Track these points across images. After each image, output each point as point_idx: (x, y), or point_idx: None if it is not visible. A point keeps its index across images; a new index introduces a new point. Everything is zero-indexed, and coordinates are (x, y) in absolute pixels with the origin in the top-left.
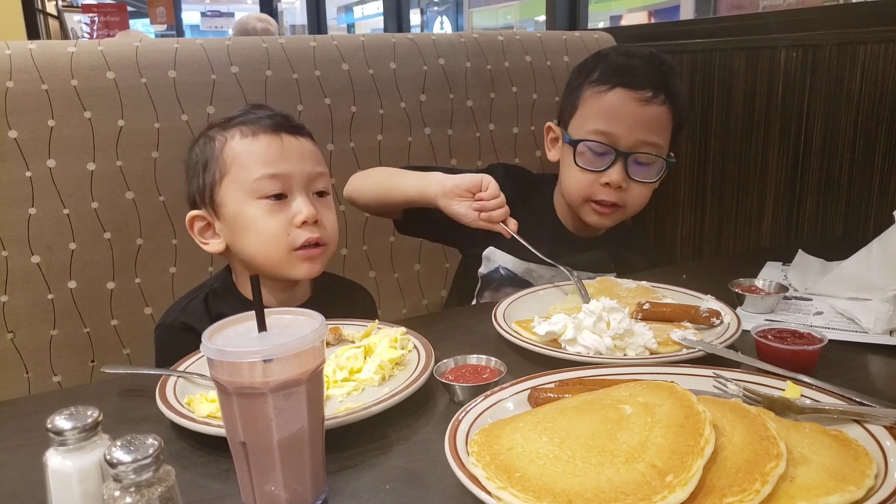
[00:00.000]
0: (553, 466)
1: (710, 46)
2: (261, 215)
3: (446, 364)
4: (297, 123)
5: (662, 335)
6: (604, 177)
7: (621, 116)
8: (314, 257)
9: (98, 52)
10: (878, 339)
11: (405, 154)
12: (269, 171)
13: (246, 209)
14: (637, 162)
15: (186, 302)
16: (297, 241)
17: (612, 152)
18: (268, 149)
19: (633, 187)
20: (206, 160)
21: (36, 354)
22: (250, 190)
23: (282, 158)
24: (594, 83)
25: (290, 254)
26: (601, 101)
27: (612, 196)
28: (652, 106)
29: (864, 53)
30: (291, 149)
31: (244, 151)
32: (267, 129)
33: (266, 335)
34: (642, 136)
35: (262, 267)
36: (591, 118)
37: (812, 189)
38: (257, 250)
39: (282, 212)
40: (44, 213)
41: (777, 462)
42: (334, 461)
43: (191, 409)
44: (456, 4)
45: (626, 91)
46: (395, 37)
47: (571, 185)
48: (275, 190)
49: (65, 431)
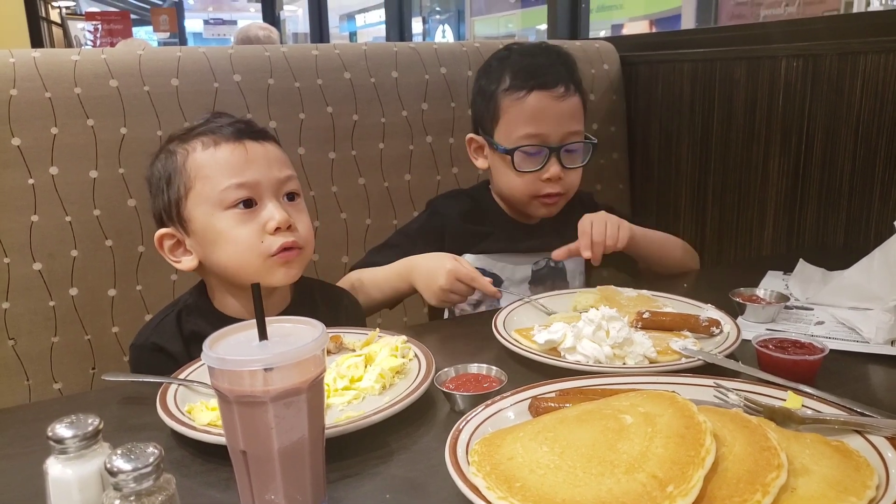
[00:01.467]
0: (553, 476)
1: (711, 56)
2: (232, 226)
3: (447, 373)
4: (259, 129)
5: (662, 344)
6: (543, 174)
7: (545, 116)
8: (291, 261)
9: (101, 60)
10: (880, 349)
11: (406, 162)
12: (236, 180)
13: (216, 221)
14: (567, 151)
15: (159, 320)
16: (272, 248)
17: (544, 150)
18: (231, 157)
19: (569, 174)
20: (169, 175)
21: (37, 362)
22: (218, 201)
23: (247, 166)
24: (510, 91)
25: (266, 261)
26: (522, 106)
27: (555, 188)
28: (567, 99)
29: (864, 63)
30: (256, 155)
31: (207, 162)
32: (229, 138)
33: (267, 344)
34: (567, 129)
35: (239, 277)
36: (518, 124)
37: (813, 198)
38: (232, 261)
39: (253, 220)
40: (46, 221)
41: (778, 473)
42: (334, 470)
43: (191, 417)
44: (458, 13)
45: (543, 92)
46: (397, 45)
47: (516, 188)
48: (243, 198)
49: (65, 439)
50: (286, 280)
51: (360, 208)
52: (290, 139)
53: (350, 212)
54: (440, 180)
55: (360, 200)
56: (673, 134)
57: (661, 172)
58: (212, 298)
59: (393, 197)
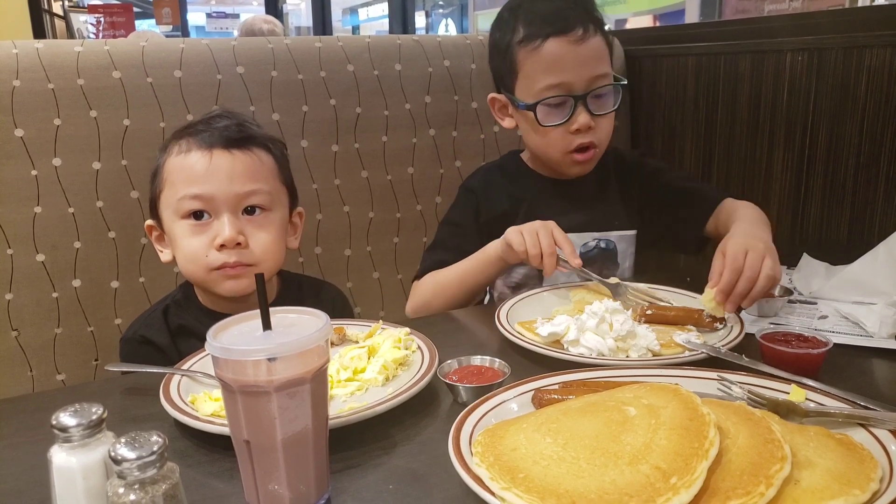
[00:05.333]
0: (557, 467)
1: (716, 50)
2: (183, 234)
3: (450, 365)
4: (245, 135)
5: (665, 337)
6: (572, 124)
7: (565, 63)
8: (239, 275)
9: (104, 51)
10: (883, 342)
11: (409, 155)
12: (192, 190)
13: (174, 227)
14: (595, 97)
15: (147, 315)
16: (215, 264)
17: (569, 100)
18: (195, 166)
19: (600, 122)
20: (155, 171)
21: (40, 352)
22: (175, 209)
23: (206, 177)
24: (524, 42)
25: (209, 273)
26: (539, 56)
27: (586, 138)
28: (588, 41)
29: (870, 58)
30: (219, 167)
31: (175, 169)
32: (201, 145)
33: (271, 334)
34: (591, 72)
35: (192, 282)
36: (537, 77)
37: (817, 193)
38: (183, 267)
39: (204, 232)
40: (49, 212)
41: (781, 465)
42: (338, 461)
43: (194, 407)
44: (461, 7)
45: (559, 38)
46: (400, 38)
47: (545, 146)
48: (195, 209)
49: (69, 428)
50: (234, 292)
51: (362, 201)
52: (293, 132)
53: (353, 205)
54: (443, 173)
55: (363, 193)
56: (677, 128)
57: None
58: (199, 294)
59: (396, 190)
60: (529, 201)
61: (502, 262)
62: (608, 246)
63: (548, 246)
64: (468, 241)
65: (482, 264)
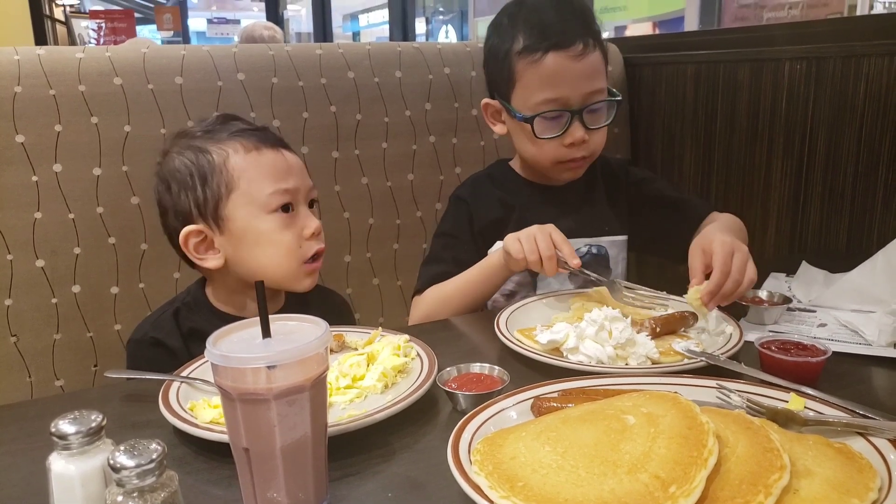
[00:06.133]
0: (556, 476)
1: (715, 58)
2: (275, 229)
3: (449, 372)
4: (280, 137)
5: (664, 345)
6: (566, 138)
7: (564, 78)
8: (315, 271)
9: (106, 58)
10: (882, 351)
11: (409, 162)
12: (281, 185)
13: (259, 223)
14: (590, 112)
15: (157, 317)
16: (308, 253)
17: (566, 114)
18: (276, 163)
19: (593, 135)
20: (205, 174)
21: (39, 358)
22: (263, 204)
23: (288, 172)
24: (524, 53)
25: (301, 266)
26: (539, 70)
27: (579, 152)
28: (587, 57)
29: (868, 66)
30: (292, 163)
31: (251, 166)
32: (267, 144)
33: (270, 341)
34: (588, 88)
35: (274, 279)
36: (534, 89)
37: (816, 201)
38: (271, 263)
39: (293, 225)
40: (49, 218)
41: (781, 474)
42: (337, 468)
43: (193, 414)
44: (461, 14)
45: (560, 52)
46: (400, 45)
47: (538, 155)
48: (287, 202)
49: (68, 435)
50: (310, 287)
51: (362, 208)
52: (294, 138)
53: (353, 211)
54: (443, 180)
55: (363, 200)
56: (676, 135)
57: (664, 174)
58: (211, 297)
59: (396, 196)
60: (520, 208)
61: (506, 271)
62: (600, 252)
63: (546, 249)
64: (464, 251)
65: (485, 275)
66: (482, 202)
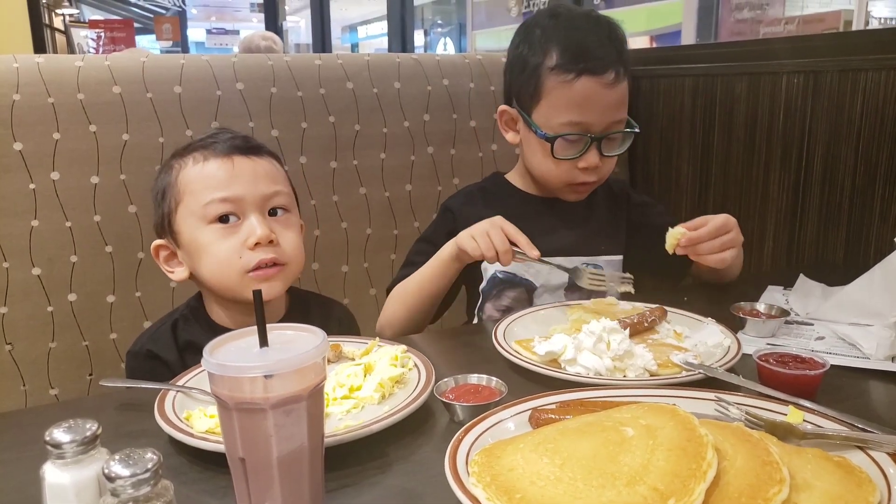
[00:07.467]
0: (554, 488)
1: (713, 71)
2: (213, 240)
3: (447, 383)
4: (254, 144)
5: (662, 357)
6: (581, 161)
7: (593, 105)
8: (270, 277)
9: (105, 66)
10: (880, 364)
11: (408, 173)
12: (219, 194)
13: (199, 235)
14: (609, 139)
15: (155, 329)
16: (251, 264)
17: (586, 139)
18: (218, 172)
19: (606, 162)
20: (164, 189)
21: (34, 367)
22: (201, 215)
23: (232, 181)
24: (556, 70)
25: (243, 277)
26: (570, 91)
27: (591, 177)
28: (617, 87)
29: (865, 80)
30: (243, 170)
31: (195, 177)
32: (219, 153)
33: (267, 350)
34: (612, 118)
35: (220, 291)
36: (562, 110)
37: (813, 214)
38: (213, 275)
39: (234, 235)
40: (46, 226)
41: (780, 487)
42: (333, 479)
43: (189, 424)
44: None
45: (593, 78)
46: (399, 57)
47: (549, 174)
48: (225, 212)
49: (63, 444)
50: (269, 295)
51: (360, 218)
52: (292, 148)
53: (351, 221)
54: (441, 191)
55: (361, 210)
56: (673, 148)
57: (661, 187)
58: (208, 309)
59: (394, 207)
60: (516, 220)
61: (458, 263)
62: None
63: (501, 244)
64: None
65: (438, 268)
66: (470, 215)
